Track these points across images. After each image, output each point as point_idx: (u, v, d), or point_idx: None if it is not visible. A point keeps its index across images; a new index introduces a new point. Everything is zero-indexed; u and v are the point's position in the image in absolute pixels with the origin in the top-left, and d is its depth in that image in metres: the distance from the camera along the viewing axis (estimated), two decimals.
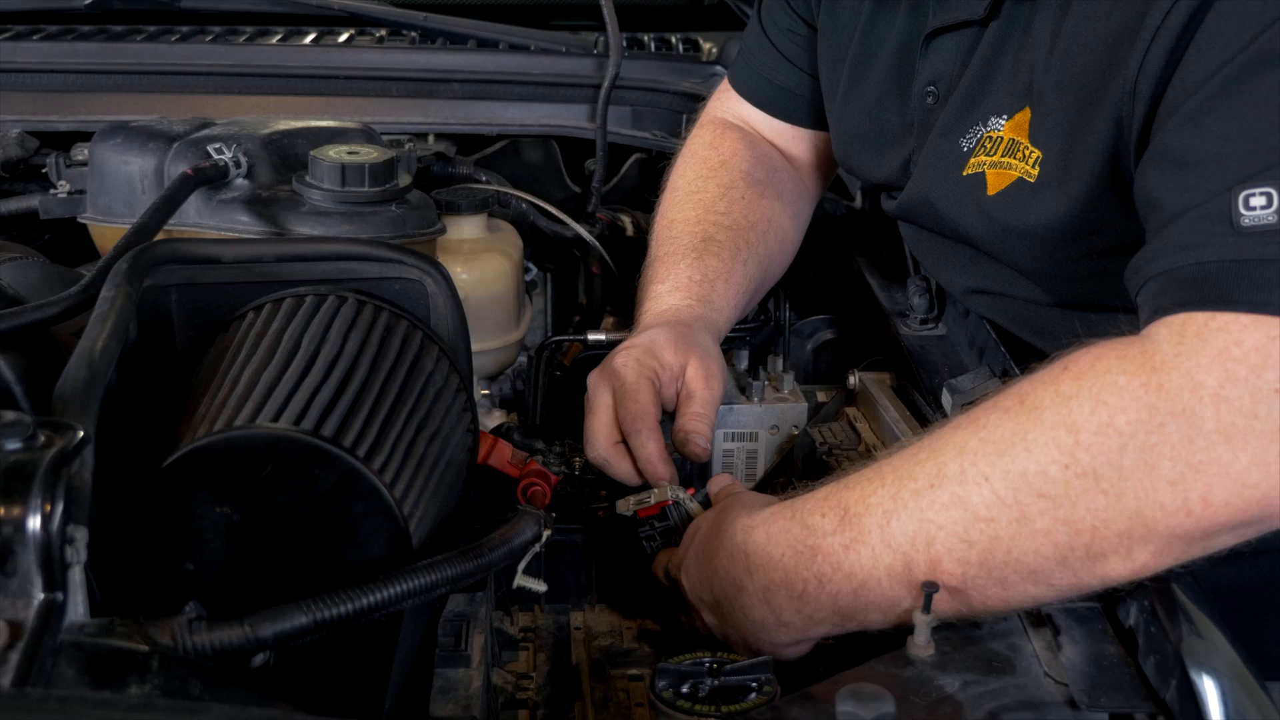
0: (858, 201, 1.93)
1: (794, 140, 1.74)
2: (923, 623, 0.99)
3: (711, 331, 1.48)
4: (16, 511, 0.72)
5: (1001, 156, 1.27)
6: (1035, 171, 1.24)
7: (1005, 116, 1.28)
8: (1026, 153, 1.24)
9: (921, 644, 0.99)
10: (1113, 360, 0.99)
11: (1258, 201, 0.97)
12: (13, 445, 0.76)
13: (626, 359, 1.39)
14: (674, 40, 2.29)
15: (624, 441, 1.37)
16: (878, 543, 1.05)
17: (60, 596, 0.73)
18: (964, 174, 1.32)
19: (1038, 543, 0.99)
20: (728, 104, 1.77)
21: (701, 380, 1.39)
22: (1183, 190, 1.03)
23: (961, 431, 1.05)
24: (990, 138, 1.29)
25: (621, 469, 1.37)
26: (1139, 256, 1.07)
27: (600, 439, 1.38)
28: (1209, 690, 0.93)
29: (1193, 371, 0.95)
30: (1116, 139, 1.14)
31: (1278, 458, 0.93)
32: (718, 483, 1.34)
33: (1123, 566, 0.99)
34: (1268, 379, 0.93)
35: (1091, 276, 1.26)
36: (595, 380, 1.41)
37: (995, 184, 1.28)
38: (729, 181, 1.63)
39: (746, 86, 1.74)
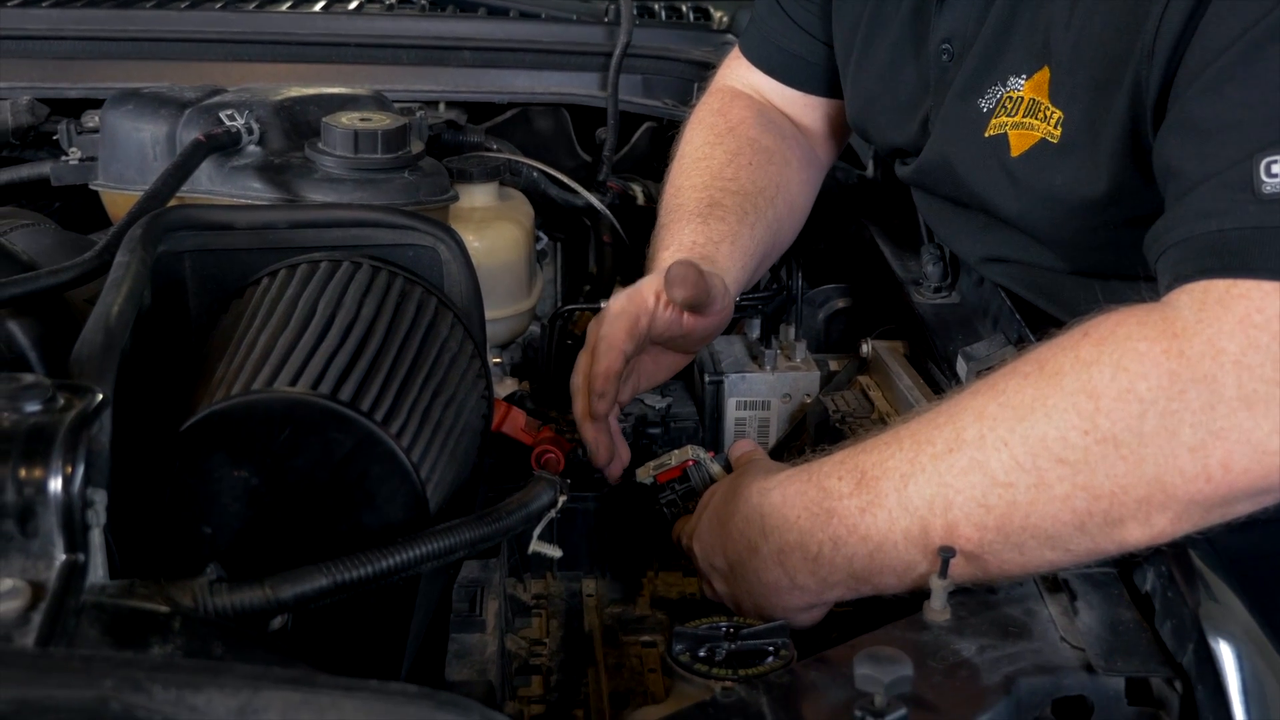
0: (870, 170, 1.92)
1: (805, 108, 1.73)
2: (939, 587, 0.99)
3: None
4: (38, 473, 0.72)
5: (1023, 117, 1.27)
6: (1058, 132, 1.23)
7: (1024, 76, 1.27)
8: (1048, 113, 1.24)
9: (938, 609, 1.00)
10: (1133, 326, 0.99)
11: (1279, 169, 0.97)
12: (33, 407, 0.76)
13: (614, 300, 1.40)
14: (684, 8, 2.28)
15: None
16: (894, 506, 1.05)
17: (82, 558, 0.73)
18: (985, 135, 1.31)
19: (1056, 508, 0.99)
20: (738, 72, 1.76)
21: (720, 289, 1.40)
22: (1203, 158, 1.03)
23: (980, 397, 1.05)
24: (1010, 98, 1.28)
25: (578, 404, 1.37)
26: (1159, 224, 1.06)
27: (579, 369, 1.39)
28: (1226, 655, 0.93)
29: (1214, 338, 0.95)
30: (1135, 103, 1.13)
31: None
32: (739, 447, 1.34)
33: (1141, 532, 0.99)
34: None
35: (1110, 245, 1.25)
36: (590, 325, 1.43)
37: (1018, 145, 1.27)
38: (736, 148, 1.62)
39: (758, 54, 1.73)
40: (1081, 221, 1.26)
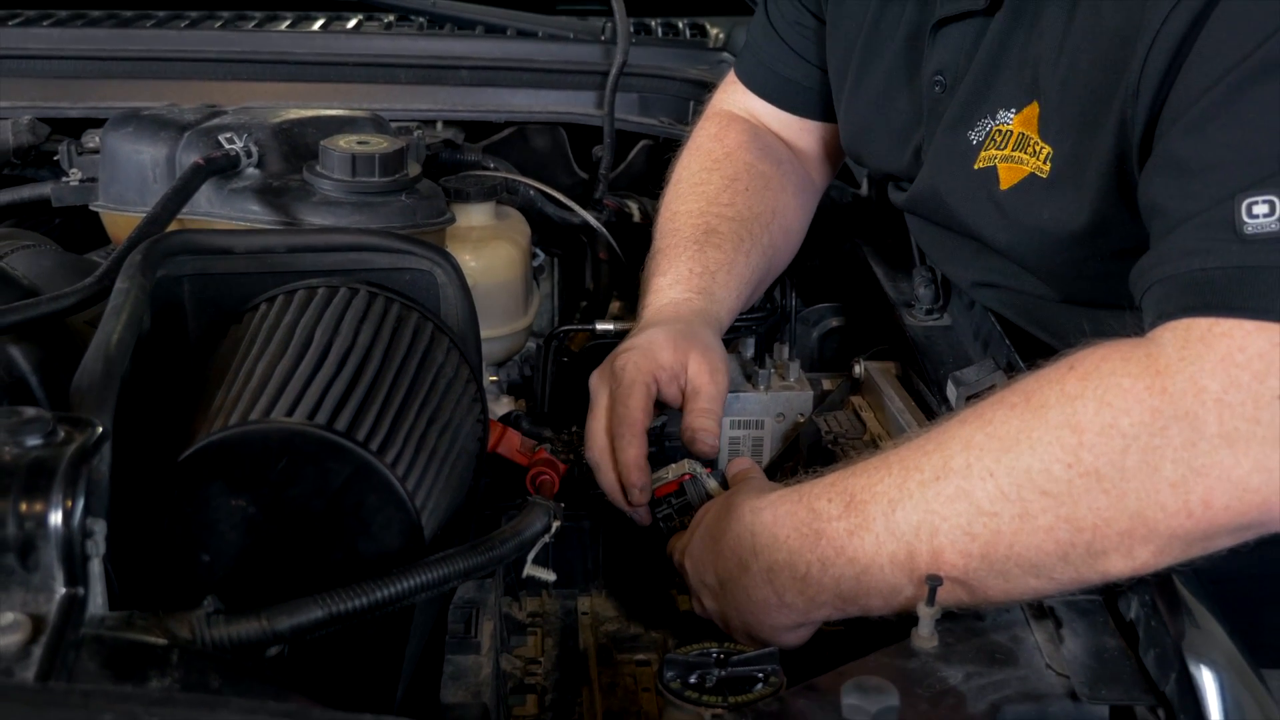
0: (864, 189, 1.93)
1: (800, 132, 1.74)
2: (927, 615, 1.01)
3: (712, 325, 1.48)
4: (39, 507, 0.73)
5: (1012, 150, 1.28)
6: (1047, 168, 1.25)
7: (1013, 110, 1.28)
8: (1037, 148, 1.25)
9: (925, 636, 1.01)
10: (1118, 362, 1.00)
11: (1260, 209, 0.98)
12: (34, 441, 0.77)
13: (625, 361, 1.39)
14: (680, 25, 2.30)
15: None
16: (882, 530, 1.07)
17: (81, 591, 0.74)
18: (975, 167, 1.33)
19: (1039, 539, 1.01)
20: (734, 96, 1.77)
21: (706, 375, 1.39)
22: (1186, 197, 1.04)
23: (968, 426, 1.06)
24: (1000, 131, 1.30)
25: (605, 478, 1.37)
26: (1143, 261, 1.08)
27: (597, 441, 1.38)
28: (1208, 683, 0.95)
29: (1196, 376, 0.96)
30: (1121, 140, 1.15)
31: (1279, 463, 0.94)
32: (736, 465, 1.35)
33: (1123, 564, 1.00)
34: (1270, 385, 0.95)
35: (1099, 277, 1.27)
36: (596, 381, 1.42)
37: (1008, 178, 1.29)
38: (733, 174, 1.64)
39: (753, 79, 1.74)
40: (1069, 253, 1.27)
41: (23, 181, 1.72)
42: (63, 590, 0.73)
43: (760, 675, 1.05)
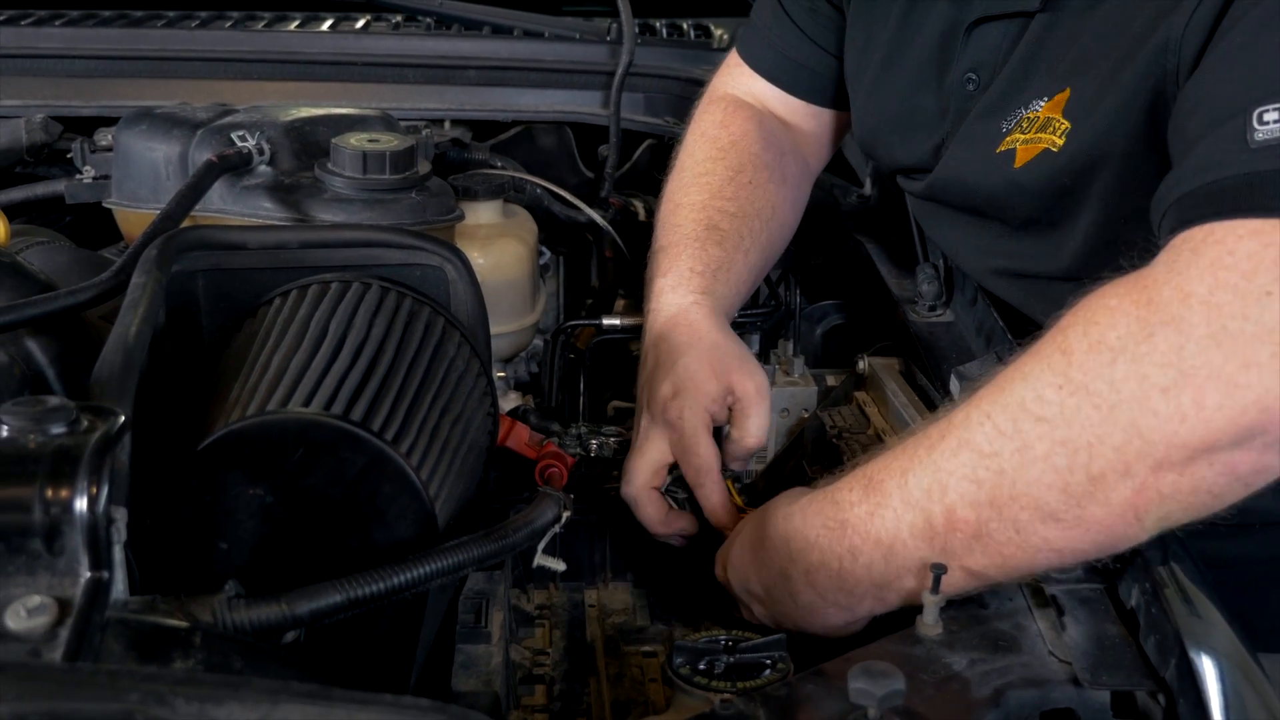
0: (867, 189, 1.95)
1: (805, 116, 1.73)
2: (931, 603, 1.02)
3: (723, 327, 1.49)
4: (64, 493, 0.74)
5: (1035, 133, 1.29)
6: (1060, 141, 1.25)
7: (1045, 99, 1.29)
8: (1057, 125, 1.26)
9: (930, 623, 1.02)
10: (1108, 288, 1.00)
11: (1271, 117, 0.98)
12: (58, 429, 0.78)
13: (679, 409, 1.39)
14: (685, 26, 2.31)
15: (669, 490, 1.41)
16: (898, 503, 1.08)
17: (106, 575, 0.75)
18: (997, 151, 1.33)
19: (1039, 471, 0.99)
20: (738, 79, 1.75)
21: (753, 393, 1.41)
22: (1206, 119, 1.04)
23: (972, 395, 1.08)
24: (1028, 118, 1.31)
25: (649, 513, 1.39)
26: (1161, 187, 1.07)
27: (638, 479, 1.40)
28: (1207, 669, 0.96)
29: (1183, 283, 0.95)
30: (1154, 93, 1.15)
31: (1270, 359, 0.92)
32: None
33: (1125, 487, 0.97)
34: (1259, 282, 0.93)
35: (1117, 242, 1.26)
36: (647, 424, 1.43)
37: (1023, 157, 1.30)
38: (738, 164, 1.63)
39: (762, 62, 1.73)
40: (1088, 216, 1.28)
41: (36, 179, 1.73)
42: (88, 574, 0.74)
43: (768, 661, 1.06)
